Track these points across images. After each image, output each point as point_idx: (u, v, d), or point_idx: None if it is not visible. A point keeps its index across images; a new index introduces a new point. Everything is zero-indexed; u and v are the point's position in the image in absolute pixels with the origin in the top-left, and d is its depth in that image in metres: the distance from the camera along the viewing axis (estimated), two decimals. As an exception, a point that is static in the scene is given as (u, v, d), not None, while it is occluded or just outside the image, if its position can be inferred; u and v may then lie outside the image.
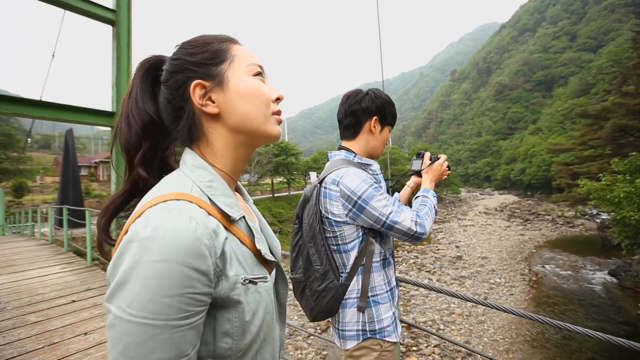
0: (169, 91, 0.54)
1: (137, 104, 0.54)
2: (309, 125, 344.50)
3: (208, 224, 0.45)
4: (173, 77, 0.54)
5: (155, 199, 0.45)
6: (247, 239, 0.53)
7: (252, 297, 0.49)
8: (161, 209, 0.43)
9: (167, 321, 0.38)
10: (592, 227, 21.80)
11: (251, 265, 0.52)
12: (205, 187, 0.51)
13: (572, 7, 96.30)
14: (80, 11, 3.35)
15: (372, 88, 1.28)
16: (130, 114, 0.54)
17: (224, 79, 0.54)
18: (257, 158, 20.26)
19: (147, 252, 0.39)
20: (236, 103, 0.54)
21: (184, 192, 0.47)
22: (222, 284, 0.46)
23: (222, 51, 0.56)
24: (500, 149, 71.22)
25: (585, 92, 53.53)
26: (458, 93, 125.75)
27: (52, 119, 3.55)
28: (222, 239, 0.46)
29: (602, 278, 12.76)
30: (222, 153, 0.56)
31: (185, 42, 0.57)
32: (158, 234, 0.40)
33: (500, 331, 8.66)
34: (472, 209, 34.83)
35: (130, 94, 0.55)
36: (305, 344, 7.94)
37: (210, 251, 0.43)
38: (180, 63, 0.54)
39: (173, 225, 0.41)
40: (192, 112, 0.54)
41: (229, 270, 0.47)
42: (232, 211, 0.51)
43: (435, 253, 16.95)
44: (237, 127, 0.55)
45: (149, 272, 0.38)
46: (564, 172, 22.58)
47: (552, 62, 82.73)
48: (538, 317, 1.37)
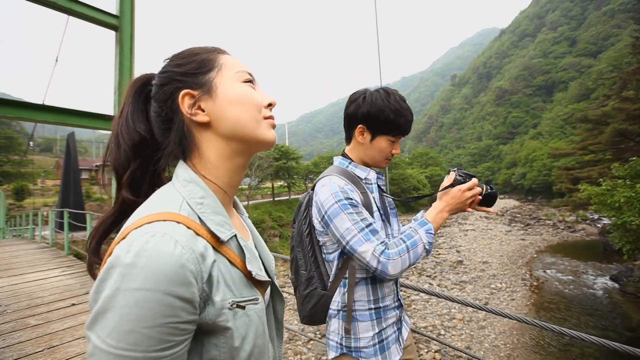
0: (158, 104, 0.54)
1: (127, 123, 0.54)
2: (309, 129, 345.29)
3: (195, 247, 0.43)
4: (161, 90, 0.53)
5: (140, 220, 0.43)
6: (238, 259, 0.51)
7: (241, 321, 0.47)
8: (145, 232, 0.40)
9: (147, 352, 0.36)
10: (594, 232, 21.72)
11: (240, 288, 0.49)
12: (195, 205, 0.49)
13: (572, 13, 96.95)
14: (83, 17, 3.39)
15: (380, 88, 1.12)
16: (120, 134, 0.53)
17: (212, 86, 0.53)
18: (257, 162, 20.29)
19: (129, 280, 0.37)
20: (226, 109, 0.53)
21: (172, 212, 0.45)
22: (208, 310, 0.43)
23: (209, 60, 0.55)
24: (501, 154, 71.34)
25: (586, 97, 53.71)
26: (458, 97, 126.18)
27: (54, 122, 3.58)
28: (209, 262, 0.44)
29: (604, 283, 12.70)
30: (216, 164, 0.55)
31: (173, 55, 0.57)
32: (140, 260, 0.38)
33: (502, 337, 8.60)
34: (472, 213, 34.75)
35: (121, 114, 0.55)
36: (305, 348, 7.89)
37: (197, 277, 0.41)
38: (168, 75, 0.54)
39: (156, 250, 0.38)
40: (181, 122, 0.53)
41: (215, 295, 0.44)
42: (222, 231, 0.49)
43: (435, 257, 16.89)
44: (230, 134, 0.54)
45: (130, 301, 0.36)
46: (564, 176, 22.59)
47: (552, 67, 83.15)
48: (539, 323, 1.36)
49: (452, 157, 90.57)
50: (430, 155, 45.98)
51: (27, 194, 29.06)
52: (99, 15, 3.49)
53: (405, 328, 1.19)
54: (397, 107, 1.06)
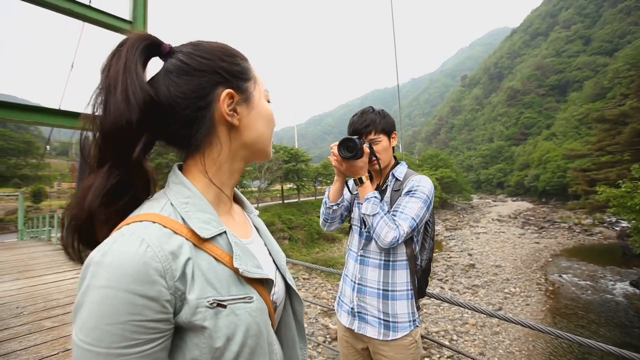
0: (191, 87, 0.50)
1: (136, 76, 0.46)
2: (318, 132, 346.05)
3: (165, 245, 0.42)
4: (196, 73, 0.51)
5: (123, 222, 0.44)
6: (227, 256, 0.50)
7: (226, 320, 0.45)
8: (117, 233, 0.42)
9: (109, 349, 0.37)
10: (612, 236, 21.05)
11: (227, 285, 0.47)
12: (180, 205, 0.49)
13: (586, 11, 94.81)
14: (98, 23, 3.45)
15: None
16: (127, 84, 0.46)
17: (250, 96, 0.56)
18: (267, 165, 20.36)
19: (95, 278, 0.38)
20: (256, 122, 0.57)
21: (152, 212, 0.45)
22: (184, 308, 0.43)
23: (249, 69, 0.57)
24: (513, 155, 70.04)
25: (601, 97, 52.24)
26: (469, 98, 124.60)
27: (70, 127, 3.64)
28: (182, 259, 0.44)
29: (624, 289, 12.27)
30: (220, 164, 0.55)
31: (211, 43, 0.54)
32: (106, 259, 0.39)
33: (516, 343, 8.38)
34: (484, 216, 34.15)
35: (118, 60, 0.47)
36: (315, 352, 7.84)
37: (165, 275, 0.41)
38: (209, 64, 0.52)
39: (120, 250, 0.39)
40: (211, 116, 0.52)
41: (190, 293, 0.43)
42: (206, 228, 0.48)
43: (447, 261, 16.63)
44: (250, 143, 0.57)
45: (95, 298, 0.37)
46: (580, 178, 22.02)
47: (565, 67, 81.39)
48: (555, 332, 1.31)
49: (462, 158, 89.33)
50: (440, 157, 45.36)
51: (44, 197, 29.88)
52: (113, 21, 3.55)
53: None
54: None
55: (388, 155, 1.40)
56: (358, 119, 1.38)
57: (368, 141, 1.35)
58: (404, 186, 1.33)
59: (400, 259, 1.31)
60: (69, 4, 2.99)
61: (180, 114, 0.50)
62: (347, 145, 1.23)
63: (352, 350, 1.42)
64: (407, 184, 1.32)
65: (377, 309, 1.30)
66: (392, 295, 1.29)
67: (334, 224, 1.51)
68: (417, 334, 1.32)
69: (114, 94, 0.45)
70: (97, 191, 0.45)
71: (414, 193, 1.28)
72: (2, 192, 24.20)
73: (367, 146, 1.26)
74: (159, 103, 0.49)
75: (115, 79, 0.45)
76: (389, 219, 1.23)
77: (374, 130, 1.35)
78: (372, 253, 1.35)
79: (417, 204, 1.25)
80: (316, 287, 12.55)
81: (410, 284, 1.31)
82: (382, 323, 1.28)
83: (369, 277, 1.34)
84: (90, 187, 0.45)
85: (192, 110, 0.51)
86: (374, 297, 1.31)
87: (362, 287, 1.34)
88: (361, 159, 1.24)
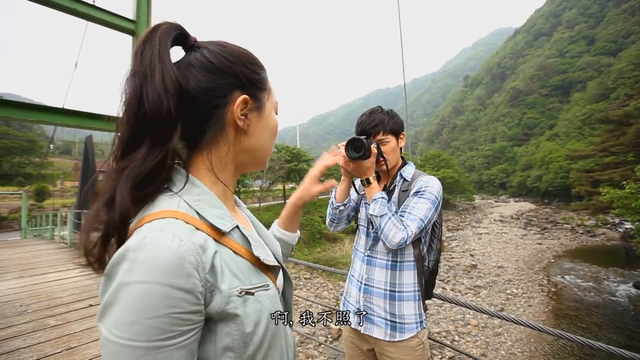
0: (211, 85, 0.52)
1: (170, 64, 0.48)
2: (320, 132, 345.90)
3: (194, 239, 0.44)
4: (220, 76, 0.52)
5: (142, 220, 0.44)
6: (243, 248, 0.53)
7: (252, 307, 0.49)
8: (145, 230, 0.42)
9: (150, 342, 0.38)
10: (615, 237, 20.92)
11: (249, 275, 0.51)
12: (193, 202, 0.49)
13: (590, 11, 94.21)
14: (102, 22, 3.47)
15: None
16: (164, 72, 0.46)
17: (262, 106, 0.58)
18: (269, 164, 20.41)
19: (130, 274, 0.39)
20: (262, 132, 0.59)
21: (170, 209, 0.46)
22: (216, 299, 0.45)
23: (266, 80, 0.59)
24: (516, 156, 69.73)
25: (605, 97, 51.89)
26: (471, 99, 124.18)
27: (73, 126, 3.66)
28: (210, 253, 0.45)
29: (627, 290, 12.19)
30: (225, 164, 0.57)
31: (238, 47, 0.56)
32: (140, 255, 0.40)
33: (519, 344, 8.35)
34: (486, 216, 34.02)
35: (152, 47, 0.47)
36: (317, 352, 7.84)
37: (198, 267, 0.42)
38: (234, 68, 0.54)
39: (155, 245, 0.40)
40: (223, 117, 0.54)
41: (222, 284, 0.46)
42: (223, 223, 0.50)
43: (449, 261, 16.58)
44: (252, 150, 0.58)
45: (132, 294, 0.38)
46: (584, 179, 21.94)
47: (569, 67, 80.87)
48: (558, 332, 1.31)
49: (464, 159, 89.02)
50: (442, 157, 45.15)
51: (47, 195, 30.07)
52: (117, 20, 3.56)
53: None
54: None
55: (396, 156, 1.39)
56: (366, 118, 1.37)
57: (376, 141, 1.33)
58: (412, 187, 1.32)
59: (407, 259, 1.31)
60: (73, 4, 3.00)
61: (196, 109, 0.52)
62: (354, 145, 1.21)
63: (358, 352, 1.41)
64: (415, 185, 1.31)
65: (384, 309, 1.29)
66: (400, 296, 1.29)
67: (340, 224, 1.50)
68: (424, 335, 1.31)
69: (151, 80, 0.45)
70: (133, 173, 0.44)
71: (423, 194, 1.27)
72: (6, 190, 24.36)
73: (374, 146, 1.25)
74: (185, 94, 0.50)
75: (152, 66, 0.46)
76: (397, 219, 1.22)
77: (382, 130, 1.34)
78: (379, 253, 1.35)
79: (425, 205, 1.25)
80: (317, 287, 12.54)
81: (417, 285, 1.31)
82: (389, 324, 1.28)
83: (375, 277, 1.33)
84: (122, 172, 0.45)
85: (207, 108, 0.52)
86: (380, 297, 1.30)
87: (369, 287, 1.34)
88: (369, 159, 1.23)
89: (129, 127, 0.46)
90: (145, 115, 0.45)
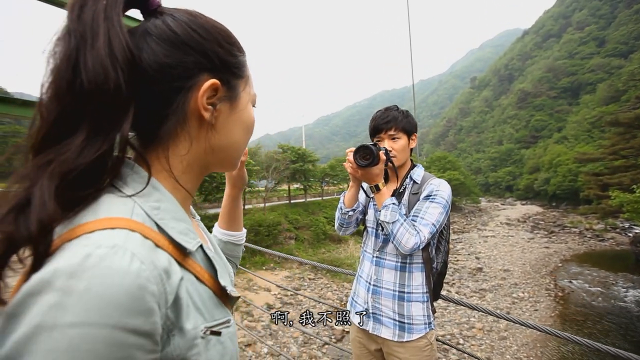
0: (170, 62, 0.40)
1: (120, 27, 0.36)
2: (326, 132, 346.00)
3: (157, 261, 0.33)
4: (185, 51, 0.41)
5: (77, 229, 0.31)
6: (206, 273, 0.42)
7: (215, 351, 0.39)
8: (86, 245, 0.29)
9: None
10: (624, 242, 20.56)
11: (211, 309, 0.41)
12: (151, 210, 0.38)
13: (600, 12, 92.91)
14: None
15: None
16: (110, 35, 0.34)
17: (237, 96, 0.47)
18: (274, 164, 20.47)
19: (59, 313, 0.26)
20: (234, 127, 0.48)
21: (122, 217, 0.34)
22: (175, 342, 0.34)
23: (244, 66, 0.48)
24: (523, 158, 68.93)
25: (615, 100, 51.07)
26: (478, 100, 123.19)
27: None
28: (175, 280, 0.35)
29: (637, 296, 11.99)
30: (189, 163, 0.45)
31: (212, 21, 0.45)
32: (78, 283, 0.27)
33: (524, 349, 8.26)
34: (492, 219, 33.71)
35: (96, 1, 0.35)
36: (320, 352, 7.84)
37: (160, 301, 0.31)
38: (204, 44, 0.42)
39: (105, 268, 0.28)
40: (186, 103, 0.42)
41: (185, 322, 0.35)
42: (187, 240, 0.39)
43: (454, 264, 16.46)
44: (221, 148, 0.47)
45: (60, 344, 0.25)
46: (592, 182, 21.64)
47: (578, 69, 79.81)
48: (569, 336, 1.30)
49: (471, 161, 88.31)
50: (448, 159, 44.83)
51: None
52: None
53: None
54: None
55: (405, 155, 1.40)
56: (381, 114, 1.40)
57: (386, 141, 1.36)
58: (422, 189, 1.34)
59: (416, 261, 1.32)
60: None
61: (149, 90, 0.40)
62: (363, 153, 1.21)
63: (365, 351, 1.42)
64: (426, 188, 1.32)
65: (393, 310, 1.30)
66: (409, 297, 1.30)
67: (349, 228, 1.51)
68: (432, 336, 1.33)
69: (92, 44, 0.33)
70: (63, 168, 0.32)
71: (434, 198, 1.28)
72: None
73: (383, 152, 1.24)
74: (137, 69, 0.38)
75: (94, 25, 0.34)
76: (409, 225, 1.23)
77: (395, 126, 1.36)
78: (388, 255, 1.36)
79: (437, 209, 1.26)
80: (322, 288, 12.54)
81: (425, 286, 1.32)
82: (397, 324, 1.29)
83: (384, 278, 1.34)
84: (45, 167, 0.32)
85: (164, 91, 0.41)
86: (389, 298, 1.32)
87: (378, 288, 1.35)
88: (377, 166, 1.22)
89: (58, 106, 0.33)
90: (83, 89, 0.33)
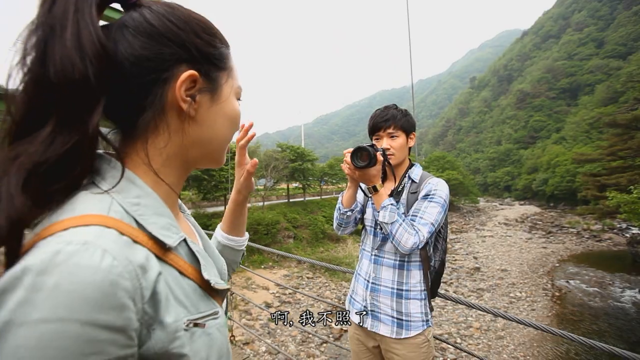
0: (146, 54, 0.40)
1: (91, 20, 0.35)
2: (325, 131, 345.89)
3: (132, 257, 0.33)
4: (162, 43, 0.41)
5: (50, 227, 0.31)
6: (190, 267, 0.42)
7: (201, 342, 0.39)
8: (57, 242, 0.29)
9: None
10: (621, 242, 20.68)
11: (196, 302, 0.41)
12: (130, 205, 0.38)
13: (599, 13, 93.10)
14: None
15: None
16: (80, 27, 0.34)
17: (218, 89, 0.47)
18: (273, 163, 20.46)
19: (27, 309, 0.26)
20: (217, 119, 0.47)
21: (97, 214, 0.34)
22: (156, 336, 0.34)
23: (226, 57, 0.48)
24: (521, 158, 69.12)
25: (614, 101, 51.28)
26: (477, 101, 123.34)
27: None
28: (153, 275, 0.35)
29: (633, 296, 12.06)
30: (169, 156, 0.45)
31: (191, 12, 0.44)
32: (48, 279, 0.27)
33: (521, 348, 8.30)
34: (491, 219, 33.82)
35: None
36: (318, 351, 7.86)
37: (134, 296, 0.31)
38: (181, 35, 0.42)
39: (74, 265, 0.28)
40: (162, 97, 0.41)
41: (165, 316, 0.35)
42: (168, 235, 0.40)
43: (452, 264, 16.52)
44: (202, 142, 0.47)
45: (29, 340, 0.25)
46: (590, 183, 21.73)
47: (577, 70, 80.00)
48: (563, 333, 1.31)
49: (469, 161, 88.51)
50: (447, 159, 44.91)
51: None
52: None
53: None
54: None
55: (403, 153, 1.41)
56: (380, 112, 1.42)
57: (386, 135, 1.37)
58: (420, 189, 1.35)
59: (414, 259, 1.34)
60: None
61: (126, 83, 0.40)
62: (360, 154, 1.22)
63: (363, 348, 1.43)
64: (424, 187, 1.34)
65: (391, 307, 1.32)
66: (407, 294, 1.32)
67: (348, 228, 1.52)
68: (430, 333, 1.35)
69: (60, 35, 0.33)
70: (30, 161, 0.31)
71: (433, 198, 1.30)
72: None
73: (380, 154, 1.25)
74: (112, 62, 0.38)
75: (63, 17, 0.34)
76: (408, 225, 1.24)
77: (393, 125, 1.38)
78: (387, 253, 1.37)
79: (435, 209, 1.27)
80: (320, 287, 12.56)
81: (423, 284, 1.34)
82: (395, 321, 1.30)
83: (383, 276, 1.36)
84: (15, 161, 0.31)
85: (141, 83, 0.40)
86: (387, 296, 1.33)
87: (376, 286, 1.37)
88: (374, 167, 1.23)
89: (26, 98, 0.33)
90: (49, 81, 0.32)
